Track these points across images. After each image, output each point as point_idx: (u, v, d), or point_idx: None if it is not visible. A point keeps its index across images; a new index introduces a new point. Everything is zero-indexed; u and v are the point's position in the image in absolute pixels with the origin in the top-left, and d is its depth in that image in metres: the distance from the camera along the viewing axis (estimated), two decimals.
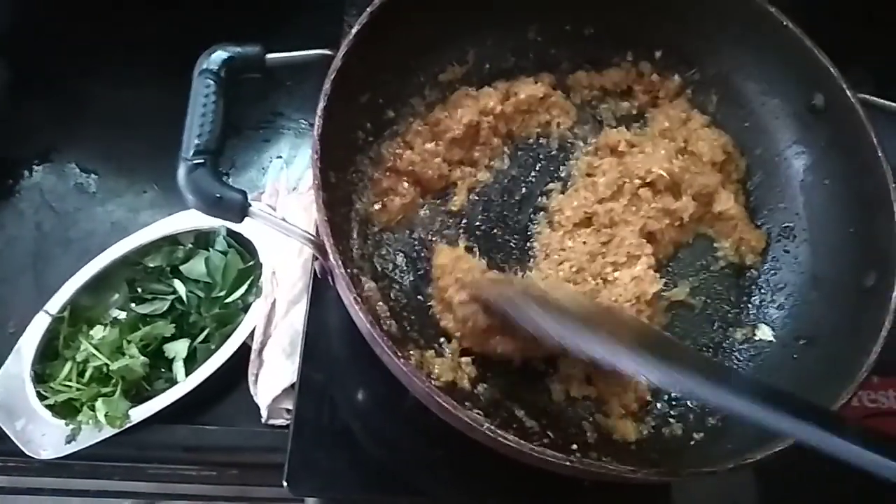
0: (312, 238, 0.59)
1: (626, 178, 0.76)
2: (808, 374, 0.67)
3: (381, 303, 0.68)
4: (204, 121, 0.57)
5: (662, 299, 0.74)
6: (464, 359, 0.69)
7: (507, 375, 0.70)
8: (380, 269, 0.72)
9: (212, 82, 0.58)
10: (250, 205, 0.57)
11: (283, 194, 0.94)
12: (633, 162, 0.76)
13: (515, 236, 0.77)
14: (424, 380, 0.55)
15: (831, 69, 0.72)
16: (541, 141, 0.82)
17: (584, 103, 0.84)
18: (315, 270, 0.75)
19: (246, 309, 0.87)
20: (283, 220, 0.59)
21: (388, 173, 0.75)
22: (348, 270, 0.60)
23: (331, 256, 0.57)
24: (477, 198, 0.78)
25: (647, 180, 0.75)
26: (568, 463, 0.53)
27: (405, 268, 0.73)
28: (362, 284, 0.67)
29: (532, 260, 0.76)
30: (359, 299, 0.56)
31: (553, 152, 0.82)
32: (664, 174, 0.74)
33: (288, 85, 1.06)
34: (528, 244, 0.77)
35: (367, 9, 0.66)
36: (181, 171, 0.56)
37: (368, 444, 0.76)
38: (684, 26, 0.80)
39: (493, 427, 0.54)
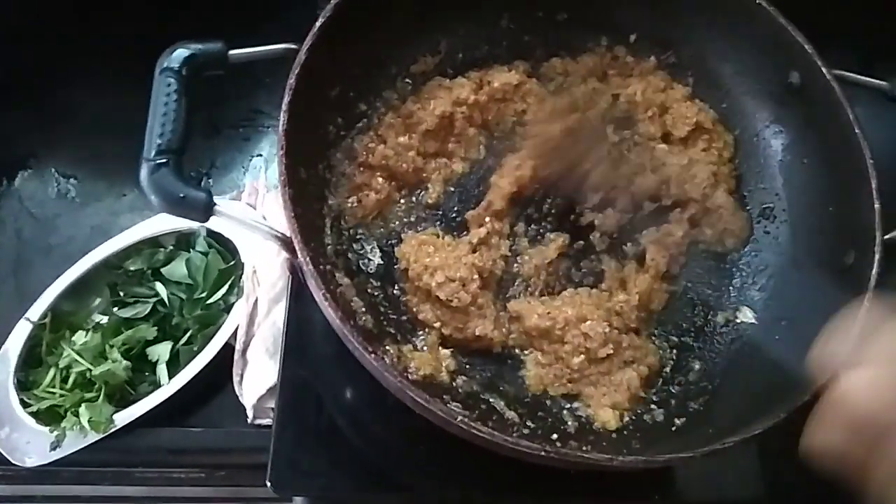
0: (280, 235, 0.58)
1: None
2: (789, 354, 0.66)
3: (356, 298, 0.67)
4: (165, 120, 0.56)
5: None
6: (442, 351, 0.68)
7: (486, 367, 0.69)
8: (354, 264, 0.71)
9: (173, 80, 0.57)
10: (215, 203, 0.56)
11: (263, 193, 0.94)
12: None
13: None
14: (396, 375, 0.54)
15: (806, 46, 0.72)
16: (516, 130, 0.81)
17: (559, 90, 0.83)
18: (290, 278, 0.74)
19: (228, 309, 0.86)
20: (254, 218, 0.58)
21: (361, 168, 0.74)
22: (319, 267, 0.60)
23: (299, 254, 0.57)
24: (453, 189, 0.77)
25: None
26: (544, 453, 0.53)
27: (380, 262, 0.73)
28: (335, 280, 0.66)
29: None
30: (328, 296, 0.56)
31: None
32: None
33: (267, 82, 1.05)
34: None
35: (332, 1, 0.66)
36: (143, 172, 0.55)
37: (353, 442, 0.76)
38: (658, 8, 0.79)
39: (466, 420, 0.53)
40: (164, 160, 0.55)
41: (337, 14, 0.66)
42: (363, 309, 0.67)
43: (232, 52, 0.61)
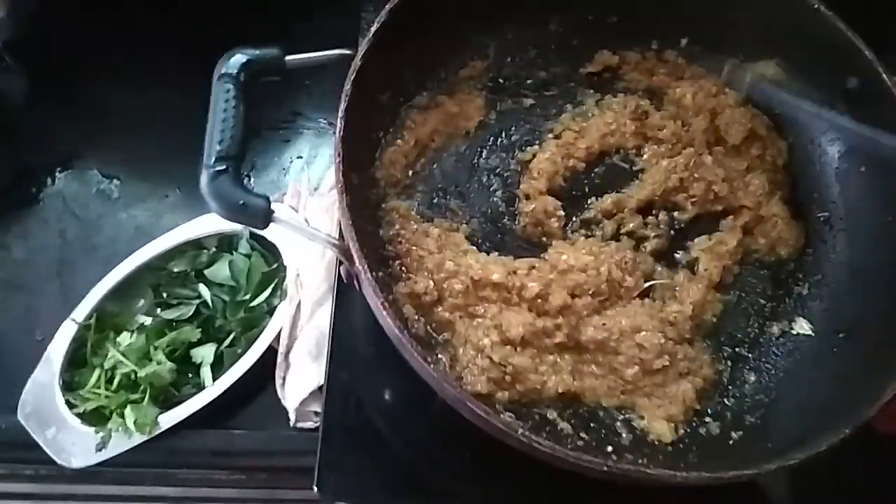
0: (337, 243, 0.58)
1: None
2: (849, 368, 0.65)
3: (408, 305, 0.67)
4: (224, 126, 0.56)
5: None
6: None
7: None
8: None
9: (231, 87, 0.57)
10: (274, 210, 0.56)
11: (305, 195, 0.93)
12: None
13: None
14: (456, 385, 0.53)
15: (865, 52, 0.70)
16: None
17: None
18: (341, 274, 0.73)
19: (271, 312, 0.86)
20: (307, 223, 0.58)
21: (410, 172, 0.74)
22: (374, 274, 0.59)
23: (356, 262, 0.56)
24: None
25: None
26: (606, 468, 0.52)
27: None
28: (390, 286, 0.66)
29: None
30: (386, 304, 0.55)
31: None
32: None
33: (307, 84, 1.05)
34: None
35: (386, 6, 0.65)
36: (204, 179, 0.55)
37: (397, 447, 0.75)
38: (710, 12, 0.78)
39: (527, 433, 0.52)
40: (224, 167, 0.54)
41: (391, 20, 0.65)
42: (416, 316, 0.66)
43: (288, 58, 0.61)
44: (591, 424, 0.66)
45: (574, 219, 0.75)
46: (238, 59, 0.58)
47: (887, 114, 0.69)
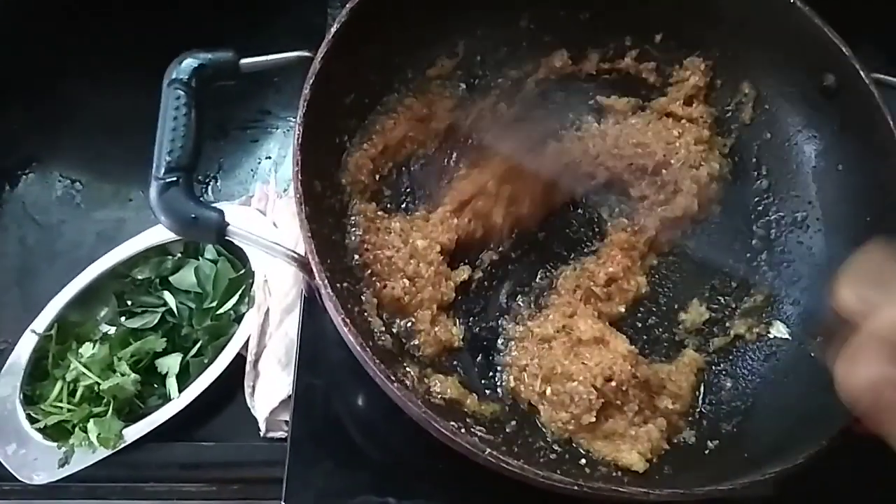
0: (297, 256, 0.56)
1: None
2: (825, 374, 0.64)
3: (375, 317, 0.64)
4: (175, 135, 0.53)
5: None
6: None
7: None
8: None
9: (182, 93, 0.54)
10: (228, 224, 0.53)
11: (274, 199, 0.91)
12: None
13: None
14: (420, 405, 0.52)
15: (843, 48, 0.68)
16: None
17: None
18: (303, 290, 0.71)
19: (239, 319, 0.84)
20: (269, 239, 0.55)
21: (376, 176, 0.72)
22: (337, 286, 0.57)
23: (316, 276, 0.54)
24: None
25: None
26: (576, 487, 0.51)
27: None
28: (359, 297, 0.64)
29: None
30: (348, 321, 0.53)
31: None
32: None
33: (275, 81, 1.02)
34: None
35: (347, 5, 0.62)
36: (153, 192, 0.52)
37: (370, 456, 0.73)
38: (685, 7, 0.76)
39: (494, 452, 0.51)
40: (175, 178, 0.52)
41: (352, 19, 0.63)
42: (382, 328, 0.64)
43: (243, 61, 0.58)
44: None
45: None
46: (189, 63, 0.56)
47: (864, 112, 0.68)
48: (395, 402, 0.56)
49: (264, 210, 0.90)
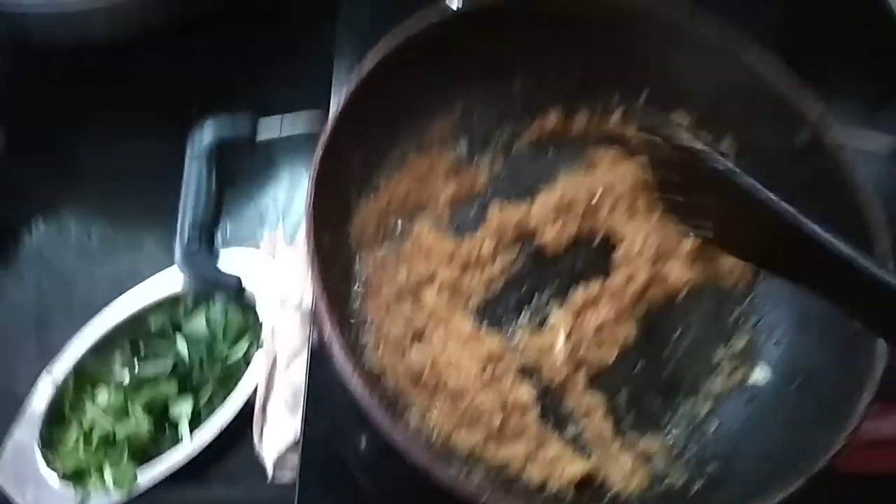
0: (306, 309, 0.60)
1: None
2: (804, 415, 0.68)
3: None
4: (197, 202, 0.58)
5: None
6: None
7: None
8: None
9: (203, 166, 0.59)
10: (244, 289, 0.57)
11: (282, 245, 0.94)
12: None
13: None
14: (423, 450, 0.55)
15: (812, 107, 0.73)
16: None
17: None
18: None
19: (248, 363, 0.87)
20: (284, 299, 0.59)
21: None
22: (346, 336, 0.61)
23: (329, 329, 0.58)
24: None
25: None
26: None
27: None
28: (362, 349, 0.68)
29: None
30: (357, 373, 0.57)
31: None
32: None
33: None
34: None
35: (344, 93, 0.67)
36: (178, 256, 0.57)
37: (375, 499, 0.76)
38: (665, 66, 0.80)
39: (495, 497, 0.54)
40: (197, 245, 0.56)
41: (356, 96, 0.67)
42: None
43: (259, 138, 0.62)
44: None
45: None
46: (210, 135, 0.60)
47: (837, 168, 0.72)
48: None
49: (273, 255, 0.94)
